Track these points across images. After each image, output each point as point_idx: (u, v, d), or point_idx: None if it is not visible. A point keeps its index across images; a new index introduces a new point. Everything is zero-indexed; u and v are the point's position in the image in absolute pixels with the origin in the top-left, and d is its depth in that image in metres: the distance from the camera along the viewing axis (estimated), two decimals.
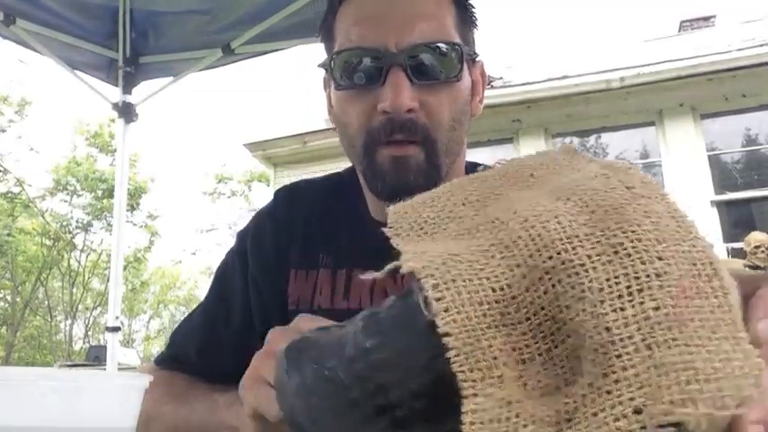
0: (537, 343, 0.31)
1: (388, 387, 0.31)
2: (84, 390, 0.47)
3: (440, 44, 0.71)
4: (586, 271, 0.30)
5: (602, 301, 0.29)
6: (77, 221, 14.14)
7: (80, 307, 14.66)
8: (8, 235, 12.37)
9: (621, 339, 0.28)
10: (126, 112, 2.61)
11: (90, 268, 14.58)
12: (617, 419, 0.27)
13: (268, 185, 10.74)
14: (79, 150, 14.39)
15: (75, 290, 14.28)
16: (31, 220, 13.45)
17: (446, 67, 0.71)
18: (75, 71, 2.61)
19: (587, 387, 0.29)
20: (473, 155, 0.83)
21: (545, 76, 6.43)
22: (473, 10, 0.78)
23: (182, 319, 0.95)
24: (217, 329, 0.84)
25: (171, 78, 2.68)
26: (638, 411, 0.27)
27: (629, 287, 0.29)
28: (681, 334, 0.28)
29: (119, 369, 2.50)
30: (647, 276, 0.29)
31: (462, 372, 0.29)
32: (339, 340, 0.34)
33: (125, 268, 7.77)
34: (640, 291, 0.29)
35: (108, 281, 4.04)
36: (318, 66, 0.81)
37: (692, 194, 5.88)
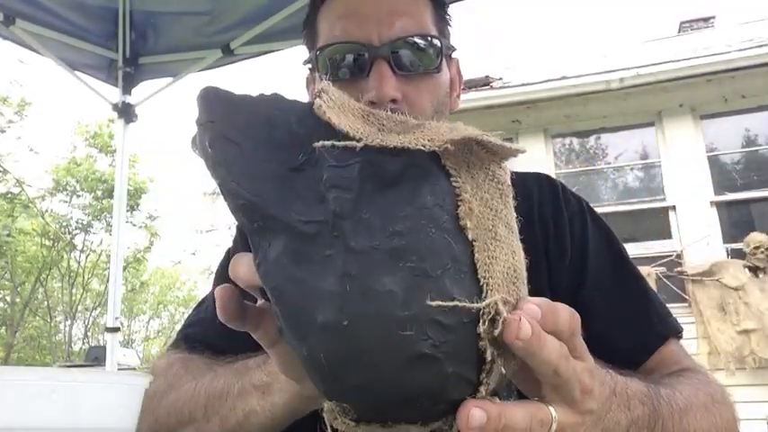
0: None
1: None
2: (84, 390, 0.47)
3: (420, 38, 0.75)
4: None
5: None
6: (77, 222, 14.10)
7: (80, 307, 14.63)
8: (8, 235, 12.34)
9: None
10: (126, 112, 2.62)
11: (90, 269, 14.54)
12: None
13: None
14: (79, 151, 14.35)
15: (74, 290, 14.25)
16: (30, 221, 13.41)
17: (427, 59, 0.75)
18: (75, 72, 2.62)
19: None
20: None
21: (544, 77, 6.43)
22: (447, 10, 0.83)
23: (183, 317, 0.94)
24: None
25: (170, 79, 2.69)
26: None
27: None
28: None
29: (118, 369, 2.50)
30: None
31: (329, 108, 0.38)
32: None
33: (125, 269, 7.74)
34: None
35: (107, 281, 4.04)
36: (303, 63, 0.83)
37: (692, 195, 5.89)
